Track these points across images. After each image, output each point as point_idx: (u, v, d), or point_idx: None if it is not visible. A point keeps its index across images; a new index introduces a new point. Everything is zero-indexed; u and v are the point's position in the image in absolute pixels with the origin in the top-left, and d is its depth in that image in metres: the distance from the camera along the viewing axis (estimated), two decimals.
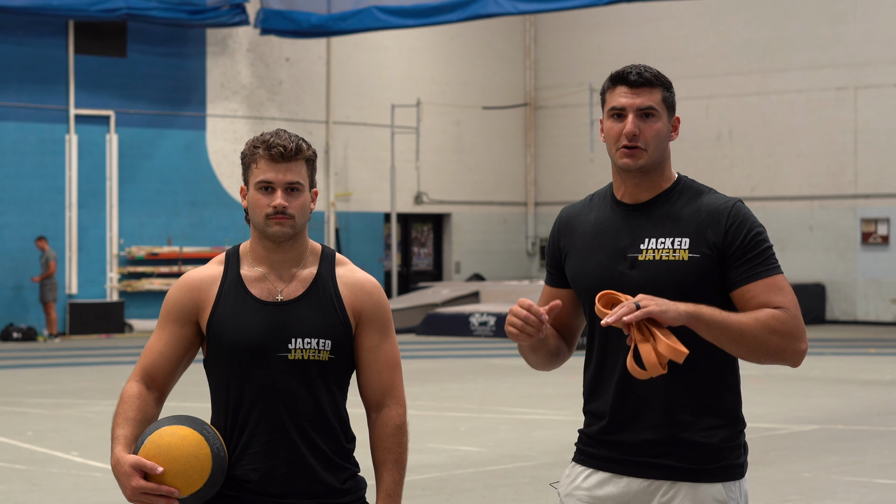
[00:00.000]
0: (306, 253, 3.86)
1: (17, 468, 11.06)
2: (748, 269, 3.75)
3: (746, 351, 3.69)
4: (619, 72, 3.86)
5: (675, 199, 3.86)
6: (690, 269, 3.77)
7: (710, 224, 3.79)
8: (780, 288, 3.74)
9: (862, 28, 28.56)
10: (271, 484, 3.74)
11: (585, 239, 3.92)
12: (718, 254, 3.78)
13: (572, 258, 3.95)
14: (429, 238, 32.83)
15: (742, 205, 3.84)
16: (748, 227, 3.78)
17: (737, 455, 3.84)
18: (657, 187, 3.88)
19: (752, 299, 3.72)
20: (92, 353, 22.69)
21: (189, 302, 3.83)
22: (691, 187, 3.90)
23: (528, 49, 33.46)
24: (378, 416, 3.86)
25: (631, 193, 3.89)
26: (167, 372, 3.83)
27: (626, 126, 3.80)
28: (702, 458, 3.78)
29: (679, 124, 3.91)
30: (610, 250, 3.86)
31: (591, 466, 3.92)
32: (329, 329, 3.78)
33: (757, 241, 3.77)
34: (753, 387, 16.79)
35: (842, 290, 29.07)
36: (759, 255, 3.76)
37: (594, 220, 3.93)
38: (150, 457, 3.59)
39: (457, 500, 9.67)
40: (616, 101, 3.83)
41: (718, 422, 3.83)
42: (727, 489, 3.80)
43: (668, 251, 3.79)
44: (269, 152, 3.74)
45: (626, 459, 3.83)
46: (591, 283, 3.86)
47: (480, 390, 16.60)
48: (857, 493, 9.91)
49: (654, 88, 3.83)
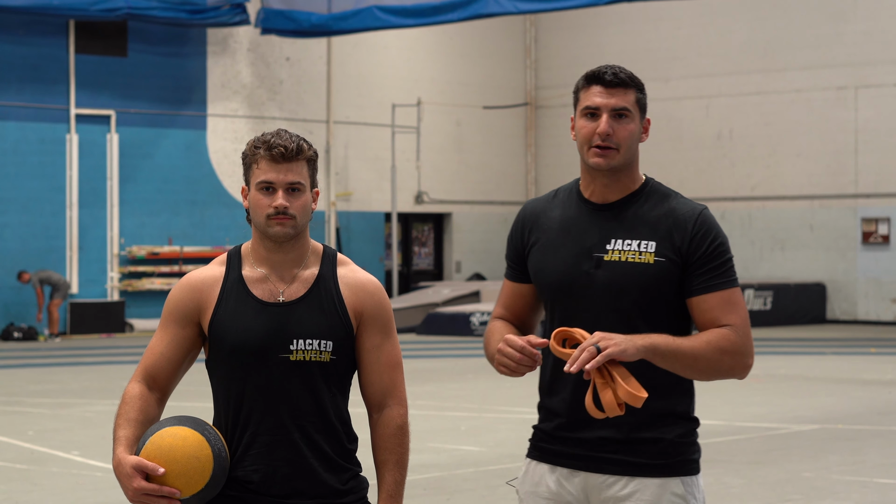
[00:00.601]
0: (308, 253, 3.85)
1: (18, 468, 11.06)
2: (707, 280, 3.82)
3: (699, 374, 3.80)
4: (594, 71, 3.90)
5: (642, 202, 3.90)
6: (655, 273, 3.82)
7: (677, 230, 3.84)
8: (733, 303, 3.82)
9: (862, 28, 28.56)
10: (273, 485, 3.75)
11: (550, 235, 3.94)
12: (682, 260, 3.84)
13: (536, 253, 3.96)
14: (429, 237, 32.83)
15: (708, 212, 3.90)
16: (713, 237, 3.85)
17: (692, 451, 3.91)
18: (625, 188, 3.92)
19: (706, 311, 3.81)
20: (92, 353, 22.69)
21: (191, 303, 3.83)
22: (658, 190, 3.94)
23: (529, 49, 33.46)
24: (379, 416, 3.86)
25: (599, 193, 3.92)
26: (169, 373, 3.83)
27: (599, 125, 3.83)
28: (659, 453, 3.84)
29: (649, 126, 3.96)
30: (575, 248, 3.89)
31: (549, 462, 3.96)
32: (330, 330, 3.78)
33: (719, 252, 3.85)
34: (753, 387, 16.79)
35: (842, 290, 29.07)
36: (720, 267, 3.84)
37: (560, 217, 3.95)
38: (152, 458, 3.59)
39: (457, 500, 9.68)
40: (590, 100, 3.86)
41: (673, 419, 3.88)
42: (685, 483, 3.87)
43: (634, 253, 3.84)
44: (270, 152, 3.74)
45: (585, 455, 3.88)
46: (554, 280, 3.90)
47: (481, 390, 16.59)
48: (858, 492, 9.91)
49: (628, 89, 3.87)
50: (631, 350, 3.65)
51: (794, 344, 24.13)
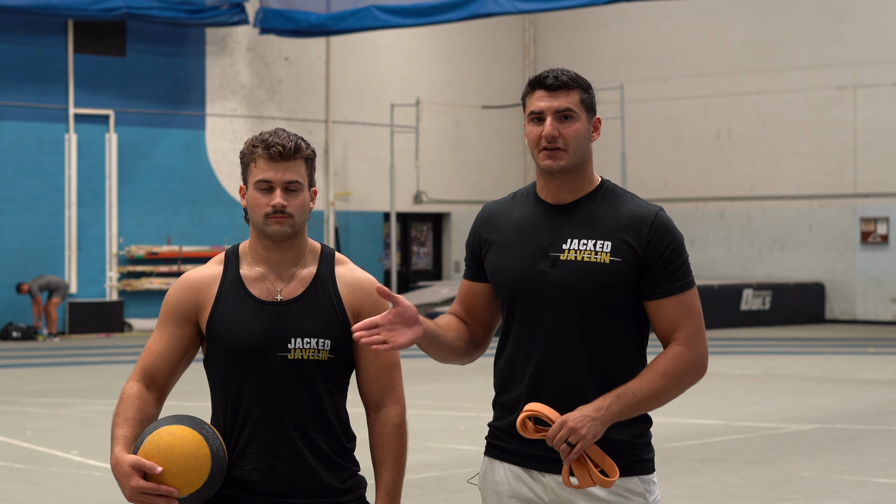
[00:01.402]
0: (305, 252, 3.86)
1: (17, 467, 11.06)
2: (664, 284, 3.89)
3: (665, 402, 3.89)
4: (536, 77, 3.95)
5: (597, 202, 3.95)
6: (611, 273, 3.86)
7: (632, 231, 3.89)
8: (689, 308, 3.90)
9: (861, 27, 28.56)
10: (271, 483, 3.75)
11: (507, 235, 3.98)
12: (638, 262, 3.88)
13: (493, 253, 4.00)
14: (428, 237, 32.84)
15: (664, 214, 3.94)
16: (669, 240, 3.90)
17: (647, 451, 3.96)
18: (580, 189, 3.96)
19: (664, 317, 3.88)
20: (91, 353, 22.68)
21: (188, 302, 3.83)
22: (614, 191, 3.98)
23: (528, 48, 33.47)
24: (377, 415, 3.86)
25: (554, 194, 3.96)
26: (167, 372, 3.83)
27: (545, 129, 3.88)
28: (615, 453, 3.86)
29: (600, 125, 4.00)
30: (531, 247, 3.93)
31: (506, 461, 3.99)
32: (328, 328, 3.78)
33: (675, 255, 3.90)
34: (752, 386, 16.80)
35: (841, 290, 29.07)
36: (677, 270, 3.89)
37: (517, 218, 4.00)
38: (150, 456, 3.59)
39: (455, 500, 9.68)
40: (535, 104, 3.91)
41: (629, 420, 3.91)
42: (643, 482, 3.92)
43: (590, 252, 3.88)
44: (268, 151, 3.75)
45: (543, 455, 3.90)
46: (511, 279, 3.94)
47: (479, 390, 16.58)
48: (857, 492, 9.91)
49: (571, 91, 3.91)
50: (600, 430, 3.75)
51: (792, 344, 24.13)
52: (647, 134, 30.82)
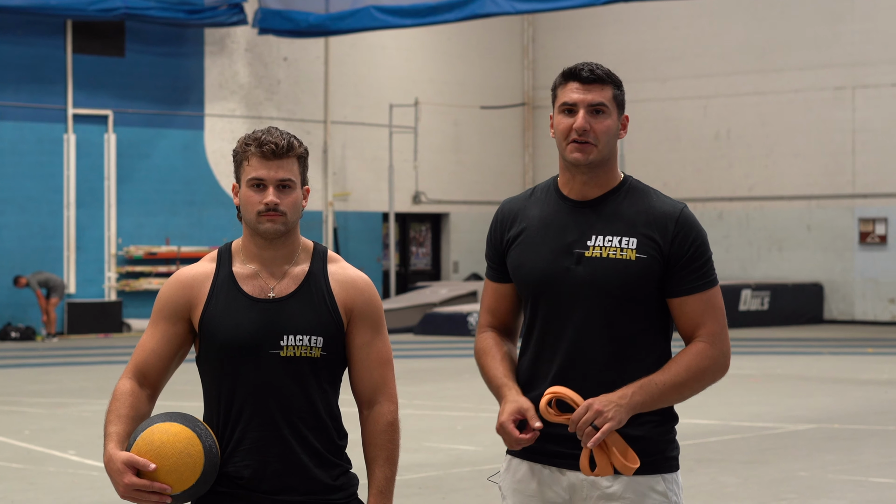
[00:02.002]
0: (298, 250, 3.86)
1: (15, 467, 11.07)
2: (689, 281, 3.88)
3: (687, 397, 3.89)
4: (571, 68, 3.92)
5: (622, 199, 3.92)
6: (636, 270, 3.85)
7: (658, 228, 3.87)
8: (712, 306, 3.89)
9: (859, 28, 28.58)
10: (264, 480, 3.75)
11: (530, 232, 3.95)
12: (663, 259, 3.87)
13: (515, 251, 3.98)
14: (427, 238, 32.84)
15: (688, 211, 3.93)
16: (693, 236, 3.89)
17: (672, 449, 3.94)
18: (605, 185, 3.94)
19: (687, 314, 3.88)
20: (90, 353, 22.69)
21: (181, 299, 3.84)
22: (637, 187, 3.96)
23: (526, 49, 33.48)
24: (370, 412, 3.86)
25: (578, 190, 3.94)
26: (159, 369, 3.84)
27: (576, 121, 3.85)
28: (640, 451, 3.84)
29: (628, 123, 3.98)
30: (555, 245, 3.91)
31: (530, 460, 3.97)
32: (321, 326, 3.78)
33: (700, 252, 3.89)
34: (750, 386, 16.81)
35: (840, 290, 29.08)
36: (701, 267, 3.89)
37: (539, 214, 3.97)
38: (143, 454, 3.60)
39: (453, 499, 9.68)
40: (568, 96, 3.88)
41: (654, 417, 3.90)
42: (666, 480, 3.89)
43: (616, 249, 3.86)
44: (261, 149, 3.76)
45: (565, 453, 3.88)
46: (534, 277, 3.92)
47: (478, 390, 16.57)
48: (853, 491, 9.92)
49: (605, 86, 3.89)
50: (624, 416, 3.75)
51: (791, 344, 24.15)
52: (645, 134, 30.83)
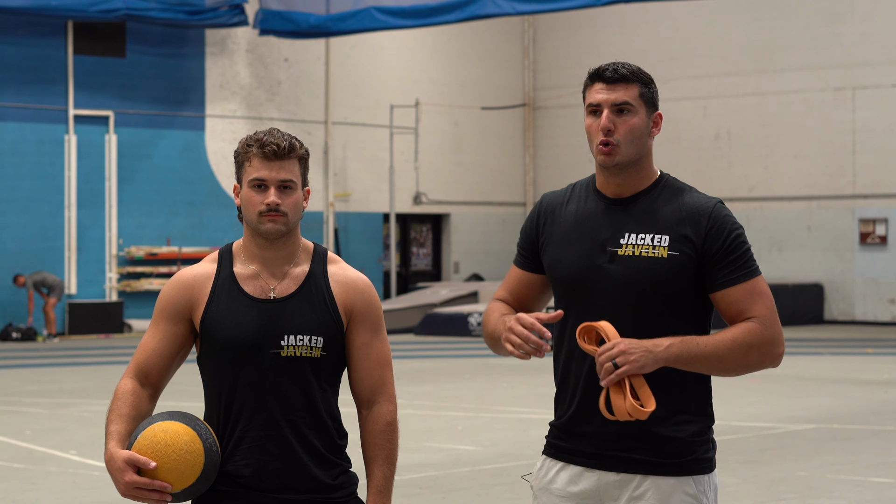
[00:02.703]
0: (299, 251, 3.89)
1: (16, 467, 11.10)
2: (728, 273, 3.83)
3: (727, 371, 3.79)
4: (596, 69, 3.95)
5: (656, 196, 3.91)
6: (669, 267, 3.83)
7: (691, 224, 3.85)
8: (758, 293, 3.82)
9: (859, 29, 28.60)
10: (264, 479, 3.78)
11: (565, 228, 3.96)
12: (697, 254, 3.84)
13: (551, 246, 3.98)
14: (427, 238, 32.86)
15: (723, 206, 3.90)
16: (728, 230, 3.85)
17: (706, 450, 3.89)
18: (639, 184, 3.93)
19: (732, 304, 3.81)
20: (91, 353, 22.72)
21: (182, 299, 3.86)
22: (672, 185, 3.95)
23: (527, 49, 33.50)
24: (369, 412, 3.88)
25: (613, 188, 3.94)
26: (161, 369, 3.86)
27: (601, 121, 3.87)
28: (672, 452, 3.82)
29: (661, 120, 3.99)
30: (589, 242, 3.91)
31: (562, 460, 3.96)
32: (321, 326, 3.81)
33: (737, 244, 3.84)
34: (750, 387, 16.83)
35: (840, 291, 29.11)
36: (739, 259, 3.84)
37: (575, 211, 3.98)
38: (144, 452, 3.62)
39: (453, 499, 9.71)
40: (592, 97, 3.91)
41: (688, 417, 3.86)
42: (697, 483, 3.85)
43: (648, 247, 3.85)
44: (263, 150, 3.78)
45: (597, 453, 3.88)
46: (568, 274, 3.92)
47: (478, 390, 16.61)
48: (852, 491, 9.94)
49: (630, 84, 3.91)
50: (650, 364, 3.68)
51: (791, 344, 24.09)
52: None
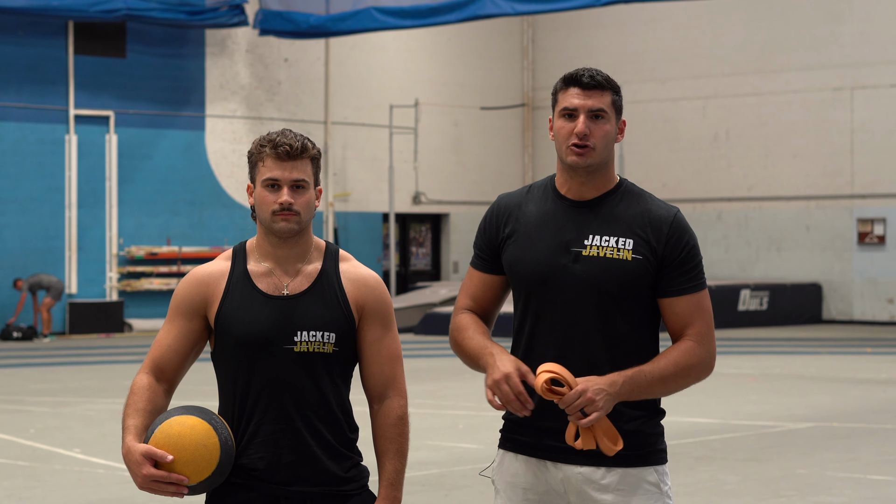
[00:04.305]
0: (311, 248, 3.97)
1: (21, 465, 11.16)
2: (681, 282, 4.01)
3: (669, 392, 4.00)
4: (572, 74, 4.03)
5: (618, 200, 4.05)
6: (632, 270, 3.98)
7: (653, 230, 4.00)
8: (701, 308, 4.03)
9: (858, 29, 28.66)
10: (277, 472, 3.85)
11: (527, 228, 4.06)
12: (657, 260, 4.00)
13: (512, 246, 4.08)
14: (427, 238, 32.92)
15: (681, 215, 4.07)
16: (686, 240, 4.03)
17: (660, 442, 4.07)
18: (602, 187, 4.06)
19: (677, 314, 4.01)
20: (92, 353, 22.77)
21: (197, 296, 3.94)
22: (632, 190, 4.09)
23: (526, 50, 33.56)
24: (380, 407, 3.97)
25: (576, 190, 4.06)
26: (176, 364, 3.94)
27: (577, 126, 3.97)
28: (634, 445, 3.98)
29: (625, 127, 4.11)
30: (553, 242, 4.02)
31: (524, 454, 4.08)
32: (333, 322, 3.89)
33: (693, 254, 4.05)
34: (749, 386, 16.89)
35: (838, 290, 29.17)
36: (692, 270, 4.03)
37: (536, 212, 4.08)
38: (161, 446, 3.70)
39: (455, 496, 9.78)
40: (569, 101, 4.00)
41: (643, 412, 4.03)
42: (658, 472, 4.02)
43: (612, 249, 3.98)
44: (276, 151, 3.86)
45: (560, 447, 3.99)
46: (531, 273, 4.03)
47: (478, 389, 16.66)
48: (852, 488, 10.01)
49: (604, 91, 4.01)
50: (612, 406, 3.85)
51: (789, 344, 24.23)
52: (645, 135, 30.92)
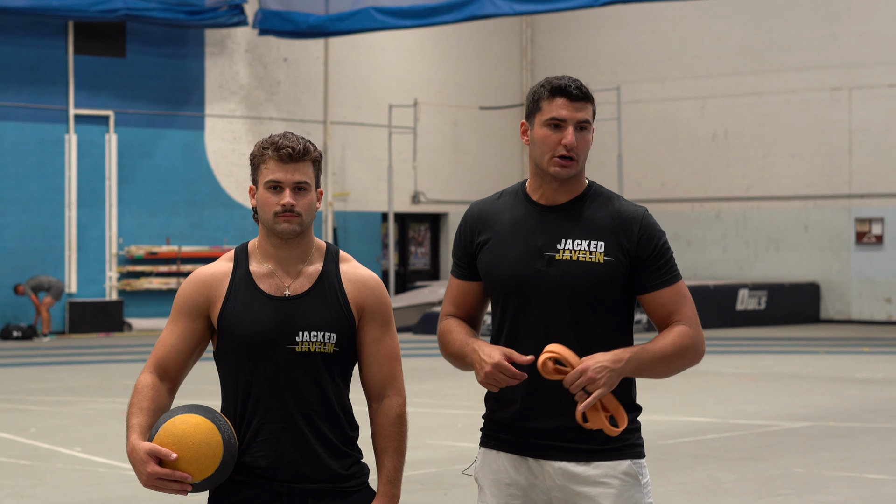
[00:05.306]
0: (312, 250, 4.03)
1: (22, 463, 11.20)
2: (658, 277, 4.09)
3: (667, 374, 4.09)
4: (557, 84, 4.07)
5: (588, 204, 4.13)
6: (605, 271, 4.06)
7: (623, 231, 4.08)
8: (684, 295, 4.12)
9: (856, 29, 28.72)
10: (280, 470, 3.92)
11: (500, 234, 4.14)
12: (629, 260, 4.08)
13: (486, 253, 4.16)
14: (426, 237, 32.97)
15: (650, 214, 4.15)
16: (657, 237, 4.11)
17: (637, 437, 4.16)
18: (573, 192, 4.14)
19: (662, 306, 4.10)
20: (92, 352, 22.81)
21: (200, 297, 4.00)
22: (601, 193, 4.17)
23: (525, 50, 33.61)
24: (379, 405, 4.03)
25: (549, 196, 4.14)
26: (179, 364, 4.00)
27: (565, 137, 4.04)
28: (611, 438, 4.06)
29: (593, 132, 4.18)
30: (526, 247, 4.10)
31: (506, 451, 4.15)
32: (334, 322, 3.96)
33: (664, 250, 4.12)
34: (747, 385, 16.94)
35: (836, 290, 29.22)
36: (666, 264, 4.11)
37: (509, 218, 4.16)
38: (165, 444, 3.76)
39: (454, 495, 9.83)
40: (556, 112, 4.05)
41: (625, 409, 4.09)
42: (636, 465, 4.11)
43: (585, 252, 4.06)
44: (278, 153, 3.93)
45: (542, 444, 4.08)
46: (506, 278, 4.11)
47: (477, 388, 16.69)
48: (848, 487, 10.05)
49: (588, 103, 4.09)
50: (615, 381, 3.93)
51: (787, 343, 24.28)
52: (643, 135, 30.97)
